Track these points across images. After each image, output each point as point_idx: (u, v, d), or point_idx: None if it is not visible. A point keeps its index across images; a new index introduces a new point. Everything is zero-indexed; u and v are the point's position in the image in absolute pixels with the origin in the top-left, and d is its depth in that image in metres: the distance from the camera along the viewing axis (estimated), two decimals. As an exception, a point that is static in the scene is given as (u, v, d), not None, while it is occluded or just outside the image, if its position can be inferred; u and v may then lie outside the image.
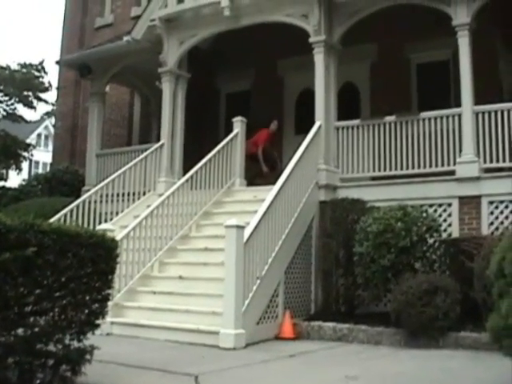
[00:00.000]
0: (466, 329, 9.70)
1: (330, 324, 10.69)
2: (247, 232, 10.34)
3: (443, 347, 9.57)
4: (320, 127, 13.01)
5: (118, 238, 11.07)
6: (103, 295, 6.93)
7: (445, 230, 11.64)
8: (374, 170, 12.95)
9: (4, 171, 24.27)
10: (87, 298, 6.71)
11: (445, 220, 11.86)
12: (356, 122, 13.29)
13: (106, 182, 15.23)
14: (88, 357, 6.78)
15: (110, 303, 10.16)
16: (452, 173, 12.00)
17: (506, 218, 11.33)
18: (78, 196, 15.95)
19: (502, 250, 4.91)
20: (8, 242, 5.76)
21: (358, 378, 7.54)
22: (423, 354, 9.24)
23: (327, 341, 10.45)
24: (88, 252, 6.61)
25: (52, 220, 12.44)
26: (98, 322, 6.94)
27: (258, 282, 10.52)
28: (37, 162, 68.01)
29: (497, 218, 11.49)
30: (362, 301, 11.58)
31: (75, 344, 6.73)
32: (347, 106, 14.67)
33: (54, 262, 6.24)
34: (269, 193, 11.37)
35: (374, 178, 13.10)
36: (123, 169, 15.49)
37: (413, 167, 12.47)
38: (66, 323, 6.55)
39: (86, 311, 6.75)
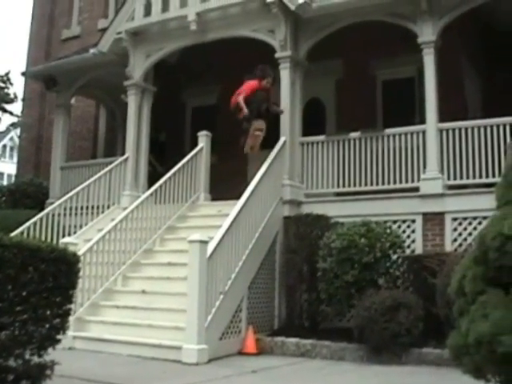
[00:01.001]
0: (429, 345, 9.75)
1: (293, 340, 10.68)
2: (211, 247, 10.31)
3: (406, 363, 9.60)
4: (285, 143, 13.04)
5: (81, 251, 11.07)
6: (64, 310, 6.86)
7: (408, 247, 11.70)
8: (338, 186, 12.96)
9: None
10: (48, 312, 6.64)
11: (408, 236, 11.92)
12: (321, 137, 13.33)
13: (70, 194, 15.13)
14: (48, 372, 6.71)
15: (72, 317, 10.15)
16: (416, 189, 12.08)
17: (470, 234, 11.40)
18: (42, 209, 15.84)
19: (462, 268, 4.94)
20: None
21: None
22: (385, 370, 9.27)
23: (290, 356, 10.43)
24: (49, 266, 6.55)
25: (15, 233, 12.38)
26: (58, 336, 6.86)
27: (222, 297, 10.50)
28: (1, 174, 67.63)
29: (460, 234, 11.56)
30: (325, 316, 11.60)
31: (35, 359, 6.65)
32: (313, 121, 14.68)
33: (14, 276, 6.19)
34: (233, 208, 11.37)
35: (338, 194, 13.14)
36: (87, 182, 15.39)
37: (377, 183, 12.52)
38: (27, 338, 6.47)
39: (47, 326, 6.67)
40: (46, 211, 14.80)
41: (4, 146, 71.38)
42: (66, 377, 7.78)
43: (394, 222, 12.01)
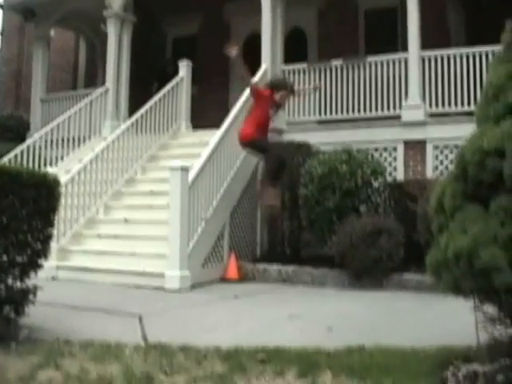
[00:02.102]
0: (410, 271, 9.82)
1: (275, 266, 10.76)
2: (192, 174, 10.29)
3: (387, 288, 9.68)
4: (266, 70, 12.90)
5: (62, 182, 11.00)
6: (46, 234, 6.84)
7: (390, 174, 11.69)
8: (320, 114, 12.90)
9: None
10: (29, 237, 6.63)
11: (390, 164, 11.93)
12: (303, 65, 13.23)
13: (50, 126, 15.07)
14: (31, 297, 6.72)
15: (54, 247, 10.24)
16: (398, 117, 12.06)
17: (451, 162, 11.37)
18: (23, 142, 15.72)
19: (441, 185, 4.95)
20: None
21: (302, 317, 7.61)
22: (367, 294, 9.36)
23: (272, 283, 10.51)
24: (29, 191, 6.52)
25: (-5, 164, 12.28)
26: (41, 261, 6.87)
27: (203, 223, 10.53)
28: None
29: (441, 162, 11.59)
30: (307, 244, 11.64)
31: (18, 285, 6.68)
32: (295, 51, 14.54)
33: (-6, 200, 6.17)
34: (214, 136, 11.32)
35: (320, 122, 13.08)
36: (68, 113, 15.32)
37: (359, 111, 12.48)
38: (8, 263, 6.47)
39: (29, 251, 6.67)
40: (26, 143, 14.75)
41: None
42: (49, 304, 7.80)
43: (376, 149, 12.01)
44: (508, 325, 4.76)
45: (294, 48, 14.78)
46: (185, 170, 10.12)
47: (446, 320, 7.19)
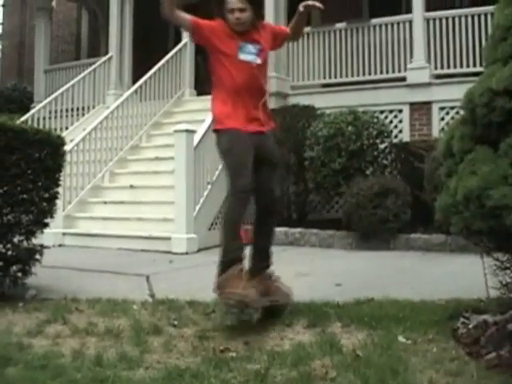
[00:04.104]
0: (417, 231, 9.77)
1: (282, 229, 10.67)
2: (197, 137, 10.27)
3: (394, 249, 9.65)
4: (270, 34, 12.75)
5: (66, 149, 10.97)
6: (51, 193, 6.81)
7: (396, 137, 11.62)
8: (325, 78, 12.83)
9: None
10: (35, 196, 6.60)
11: (396, 126, 11.84)
12: (307, 29, 13.09)
13: (54, 96, 15.04)
14: (38, 257, 6.71)
15: (61, 214, 10.23)
16: (403, 79, 11.96)
17: (458, 123, 11.32)
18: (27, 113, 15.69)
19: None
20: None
21: (309, 274, 7.60)
22: (375, 254, 9.32)
23: (279, 245, 10.41)
24: (34, 149, 6.50)
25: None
26: (46, 221, 6.86)
27: (209, 187, 10.50)
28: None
29: (447, 123, 11.49)
30: (313, 207, 11.64)
31: (24, 244, 6.66)
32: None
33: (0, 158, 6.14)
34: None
35: (325, 86, 13.00)
36: (71, 82, 15.26)
37: (364, 74, 12.39)
38: (15, 222, 6.46)
39: (35, 210, 6.65)
40: (30, 113, 14.74)
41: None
42: (57, 267, 7.83)
43: (382, 112, 11.91)
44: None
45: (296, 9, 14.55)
46: (190, 132, 10.10)
47: (454, 276, 7.18)
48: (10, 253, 6.48)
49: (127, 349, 4.63)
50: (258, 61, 5.51)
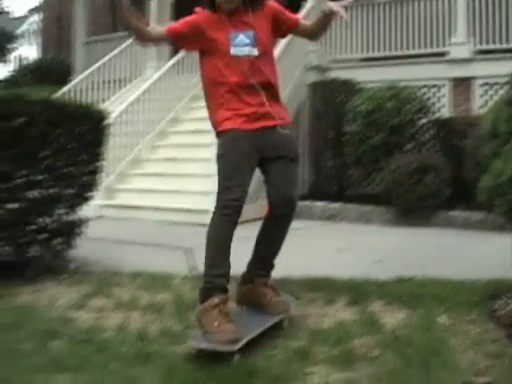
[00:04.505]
0: (456, 208, 9.69)
1: (320, 203, 10.69)
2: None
3: (433, 226, 9.57)
4: (313, 7, 12.65)
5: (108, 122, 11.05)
6: (93, 168, 6.89)
7: (434, 113, 11.49)
8: (364, 52, 12.74)
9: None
10: (77, 170, 6.65)
11: (436, 102, 11.73)
12: (347, 1, 12.97)
13: (93, 68, 15.10)
14: (79, 230, 6.79)
15: (101, 186, 10.29)
16: (444, 54, 11.84)
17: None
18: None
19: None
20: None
21: (349, 250, 7.62)
22: (414, 231, 9.28)
23: (317, 220, 10.46)
24: (76, 123, 6.54)
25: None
26: (87, 195, 6.92)
27: (248, 155, 10.47)
28: (26, 58, 67.07)
29: (488, 100, 11.37)
30: (351, 182, 11.58)
31: (66, 217, 6.73)
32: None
33: (41, 133, 6.18)
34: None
35: (364, 60, 12.91)
36: (110, 54, 15.30)
37: (404, 48, 12.28)
38: (57, 196, 6.52)
39: (76, 184, 6.71)
40: (69, 85, 14.81)
41: (25, 31, 70.66)
42: (97, 240, 7.89)
43: (422, 87, 11.81)
44: None
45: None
46: (231, 102, 10.06)
47: (494, 255, 7.09)
48: (53, 226, 6.55)
49: (170, 323, 4.69)
50: (255, 52, 4.63)
